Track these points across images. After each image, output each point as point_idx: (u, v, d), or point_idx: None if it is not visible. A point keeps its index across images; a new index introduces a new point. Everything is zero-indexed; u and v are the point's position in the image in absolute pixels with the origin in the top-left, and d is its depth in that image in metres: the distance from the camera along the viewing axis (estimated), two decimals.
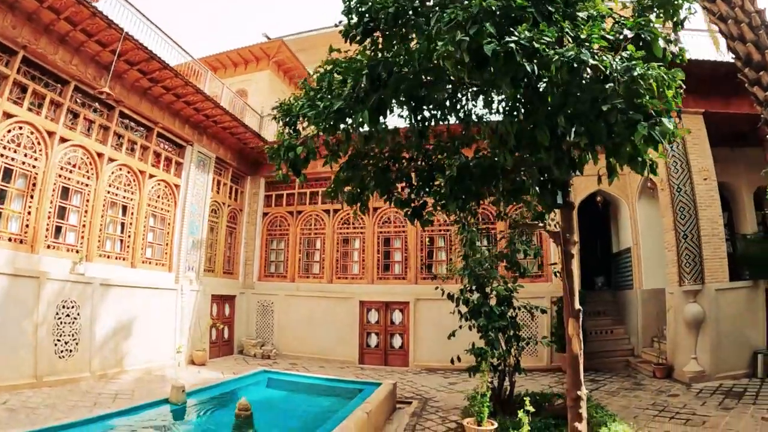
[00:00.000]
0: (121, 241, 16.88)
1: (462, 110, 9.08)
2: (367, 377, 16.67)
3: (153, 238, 18.28)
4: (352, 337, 21.29)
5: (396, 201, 9.37)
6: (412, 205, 9.50)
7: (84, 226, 15.29)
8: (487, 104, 8.32)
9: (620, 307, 20.91)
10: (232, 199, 23.29)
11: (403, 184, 9.58)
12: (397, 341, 21.12)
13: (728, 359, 14.13)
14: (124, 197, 16.95)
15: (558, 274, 10.03)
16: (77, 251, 14.96)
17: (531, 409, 8.57)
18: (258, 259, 24.08)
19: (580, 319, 7.93)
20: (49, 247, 14.18)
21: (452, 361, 12.07)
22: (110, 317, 15.37)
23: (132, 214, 17.24)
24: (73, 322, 14.14)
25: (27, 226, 13.47)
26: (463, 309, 12.56)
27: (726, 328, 14.29)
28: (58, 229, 14.66)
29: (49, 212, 14.10)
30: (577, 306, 7.94)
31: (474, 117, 9.21)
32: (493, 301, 12.22)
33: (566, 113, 6.30)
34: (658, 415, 11.30)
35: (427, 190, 9.28)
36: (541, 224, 10.13)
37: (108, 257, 16.20)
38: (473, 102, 9.08)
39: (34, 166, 13.72)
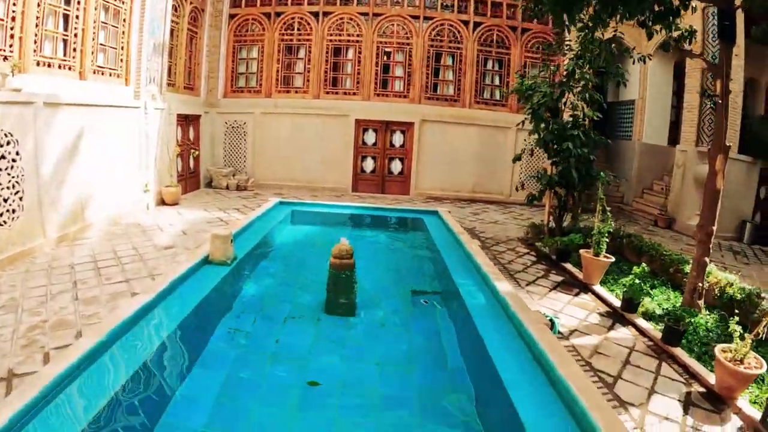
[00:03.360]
0: (65, 42, 11.65)
1: None
2: (359, 203, 15.94)
3: (105, 39, 13.06)
4: (344, 161, 18.82)
5: None
6: None
7: (13, 18, 10.02)
8: None
9: (613, 156, 20.68)
10: None
11: None
12: (396, 166, 19.44)
13: (723, 222, 14.21)
14: None
15: None
16: (5, 58, 9.81)
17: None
18: (224, 71, 19.25)
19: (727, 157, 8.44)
20: None
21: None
22: (61, 154, 10.78)
23: (78, 2, 11.80)
24: (11, 167, 9.31)
25: None
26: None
27: (727, 193, 13.33)
28: None
29: None
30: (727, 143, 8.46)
31: None
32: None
33: None
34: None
35: None
36: (697, 53, 9.68)
37: (49, 65, 11.08)
38: None
39: None
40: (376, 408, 5.50)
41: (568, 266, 10.83)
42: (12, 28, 9.85)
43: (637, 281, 8.42)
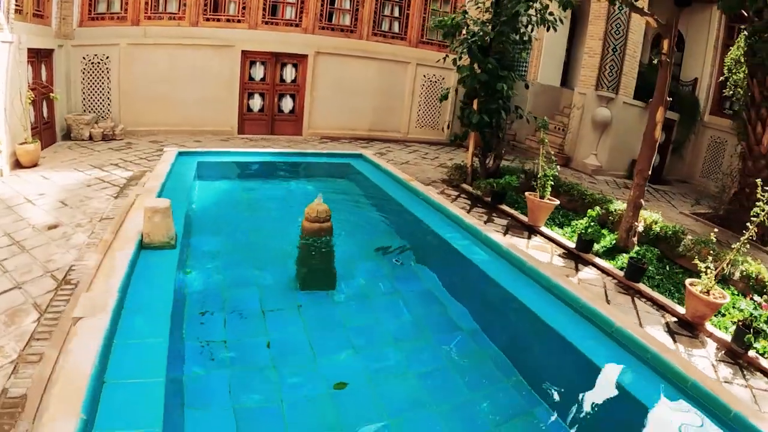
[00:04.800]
0: None
1: None
2: (261, 148, 14.37)
3: None
4: (228, 100, 16.58)
5: None
6: None
7: None
8: None
9: None
10: None
11: None
12: (287, 104, 17.46)
13: (615, 161, 17.25)
14: None
15: None
16: None
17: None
18: None
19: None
20: None
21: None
22: None
23: None
24: None
25: None
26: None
27: (620, 135, 16.97)
28: None
29: None
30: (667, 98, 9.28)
31: None
32: None
33: None
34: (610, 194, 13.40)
35: None
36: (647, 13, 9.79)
37: None
38: None
39: None
40: (422, 390, 5.19)
41: (507, 209, 11.07)
42: None
43: (592, 223, 8.98)
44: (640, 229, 9.61)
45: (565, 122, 18.25)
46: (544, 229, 10.03)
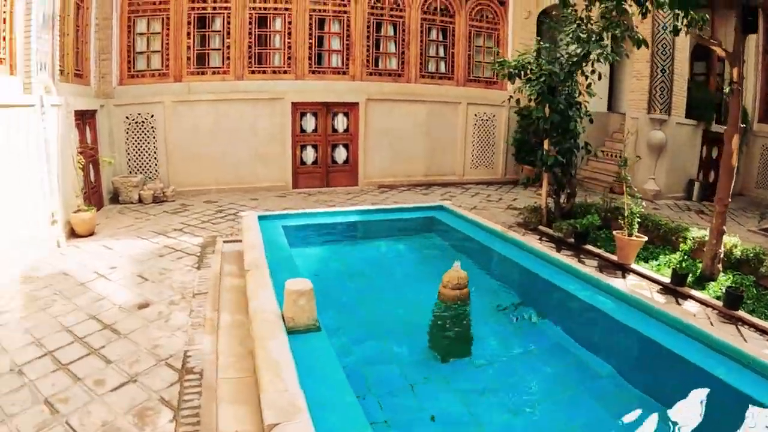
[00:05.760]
0: None
1: None
2: (338, 206, 13.58)
3: None
4: (281, 153, 15.84)
5: None
6: None
7: None
8: None
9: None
10: None
11: None
12: (340, 154, 16.67)
13: (673, 183, 16.57)
14: None
15: None
16: None
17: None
18: (117, 51, 14.92)
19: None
20: None
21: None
22: None
23: None
24: None
25: None
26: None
27: (676, 156, 16.33)
28: None
29: None
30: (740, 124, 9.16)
31: None
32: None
33: None
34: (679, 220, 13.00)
35: None
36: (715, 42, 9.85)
37: None
38: None
39: None
40: None
41: (592, 248, 10.62)
42: None
43: (685, 257, 9.00)
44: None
45: (619, 148, 17.33)
46: (635, 266, 9.65)
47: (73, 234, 10.81)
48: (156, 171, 14.94)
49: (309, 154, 16.06)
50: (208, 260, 9.09)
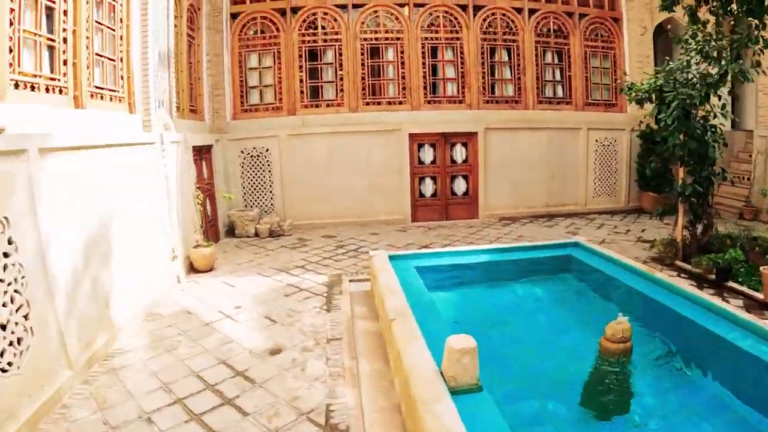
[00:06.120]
0: (51, 51, 7.36)
1: None
2: (445, 238, 13.29)
3: (101, 47, 8.79)
4: (399, 186, 15.25)
5: None
6: None
7: None
8: None
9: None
10: None
11: None
12: (459, 186, 15.85)
13: None
14: None
15: None
16: None
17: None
18: (230, 86, 14.95)
19: None
20: None
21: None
22: (67, 228, 6.45)
23: None
24: (3, 269, 5.01)
25: None
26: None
27: None
28: None
29: None
30: None
31: None
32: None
33: None
34: None
35: None
36: None
37: (33, 88, 6.76)
38: None
39: None
40: None
41: (735, 285, 9.30)
42: None
43: None
44: None
45: (745, 170, 15.98)
46: None
47: (192, 269, 10.65)
48: (272, 204, 14.77)
49: (427, 186, 15.46)
50: (336, 301, 8.59)
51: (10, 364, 4.83)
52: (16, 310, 5.03)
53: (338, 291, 9.12)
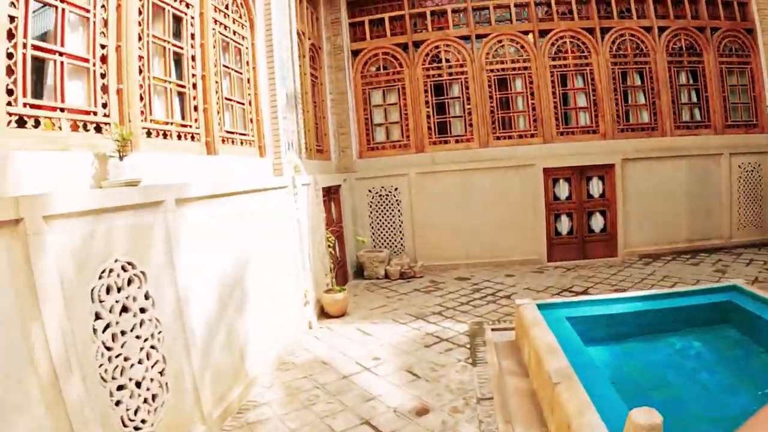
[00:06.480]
0: (181, 97, 6.58)
1: None
2: (584, 279, 11.66)
3: (229, 91, 7.98)
4: (533, 224, 13.52)
5: None
6: None
7: (103, 59, 4.99)
8: None
9: None
10: (308, 26, 12.53)
11: None
12: (596, 222, 13.82)
13: None
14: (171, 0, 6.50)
15: None
16: (98, 126, 4.90)
17: None
18: (355, 124, 14.02)
19: None
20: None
21: None
22: (203, 279, 5.83)
23: (191, 36, 6.85)
24: (140, 324, 4.53)
25: None
26: None
27: None
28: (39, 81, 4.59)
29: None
30: None
31: None
32: None
33: None
34: None
35: None
36: None
37: (165, 136, 6.02)
38: None
39: None
40: None
41: None
42: (104, 75, 4.80)
43: None
44: None
45: None
46: None
47: (323, 314, 9.74)
48: (401, 245, 13.59)
49: (563, 223, 13.77)
50: (481, 354, 7.34)
51: (143, 421, 4.41)
52: (152, 366, 4.59)
53: (481, 341, 7.82)
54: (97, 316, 3.99)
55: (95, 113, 4.75)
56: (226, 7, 7.89)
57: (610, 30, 13.75)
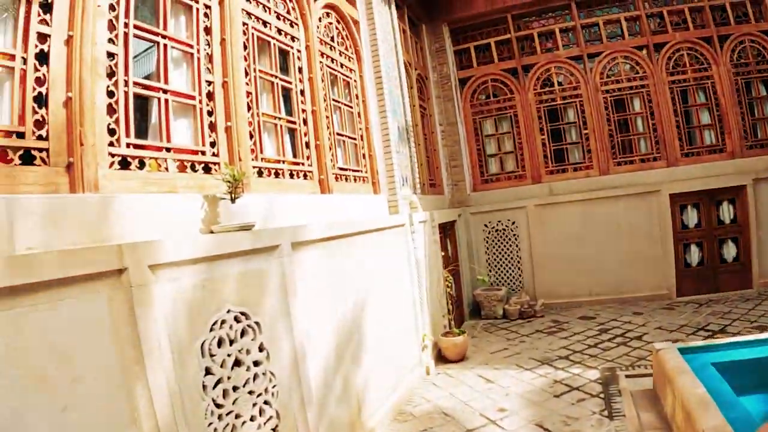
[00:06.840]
0: (292, 133, 6.34)
1: None
2: (720, 316, 10.17)
3: (340, 125, 7.74)
4: (660, 255, 12.04)
5: None
6: None
7: (210, 96, 4.73)
8: None
9: None
10: (413, 56, 12.14)
11: None
12: (728, 251, 12.13)
13: None
14: (276, 33, 6.23)
15: None
16: (207, 166, 4.62)
17: None
18: (467, 156, 13.43)
19: None
20: (112, 165, 3.72)
21: None
22: (319, 326, 5.43)
23: (299, 70, 6.62)
24: (254, 379, 4.19)
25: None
26: None
27: None
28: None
29: None
30: None
31: None
32: None
33: None
34: None
35: None
36: None
37: (277, 174, 5.71)
38: None
39: None
40: None
41: None
42: (211, 113, 4.54)
43: None
44: None
45: None
46: None
47: (440, 358, 9.07)
48: (520, 282, 12.72)
49: (693, 254, 12.30)
50: (616, 404, 6.54)
51: None
52: (265, 423, 4.24)
53: (616, 390, 6.94)
54: (208, 371, 3.63)
55: (203, 152, 4.47)
56: (332, 39, 7.62)
57: (729, 37, 12.34)
